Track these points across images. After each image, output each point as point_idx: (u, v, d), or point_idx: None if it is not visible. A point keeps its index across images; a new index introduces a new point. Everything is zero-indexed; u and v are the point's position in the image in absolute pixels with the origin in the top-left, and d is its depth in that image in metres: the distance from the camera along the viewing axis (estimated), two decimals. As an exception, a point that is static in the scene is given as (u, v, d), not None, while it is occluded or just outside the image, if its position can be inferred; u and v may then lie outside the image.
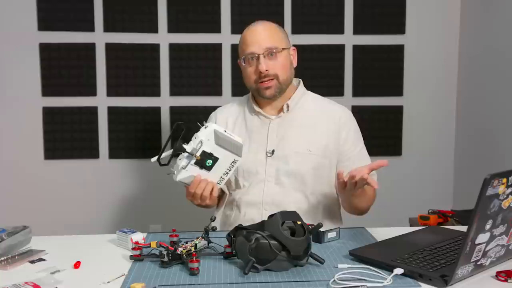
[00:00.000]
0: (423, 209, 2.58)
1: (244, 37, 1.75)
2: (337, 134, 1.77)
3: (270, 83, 1.71)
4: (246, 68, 1.74)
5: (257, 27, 1.74)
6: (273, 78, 1.71)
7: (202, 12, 3.23)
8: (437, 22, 3.34)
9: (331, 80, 3.29)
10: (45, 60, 3.18)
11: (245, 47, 1.72)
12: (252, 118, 1.81)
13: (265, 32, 1.72)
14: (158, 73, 3.25)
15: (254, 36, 1.72)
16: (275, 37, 1.72)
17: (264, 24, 1.75)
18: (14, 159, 3.22)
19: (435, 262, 1.25)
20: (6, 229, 1.45)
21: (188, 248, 1.33)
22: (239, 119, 1.84)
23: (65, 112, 3.22)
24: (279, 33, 1.75)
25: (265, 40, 1.70)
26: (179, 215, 2.95)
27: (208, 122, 1.88)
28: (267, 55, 1.69)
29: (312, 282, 1.21)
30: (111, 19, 3.19)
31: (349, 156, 1.78)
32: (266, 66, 1.69)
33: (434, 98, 3.38)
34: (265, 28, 1.74)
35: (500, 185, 1.12)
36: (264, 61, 1.69)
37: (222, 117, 1.87)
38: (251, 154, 1.75)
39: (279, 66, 1.71)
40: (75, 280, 1.26)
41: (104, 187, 3.29)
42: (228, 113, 1.87)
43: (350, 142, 1.79)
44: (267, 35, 1.71)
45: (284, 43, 1.75)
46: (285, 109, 1.78)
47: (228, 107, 1.91)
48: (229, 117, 1.86)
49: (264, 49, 1.69)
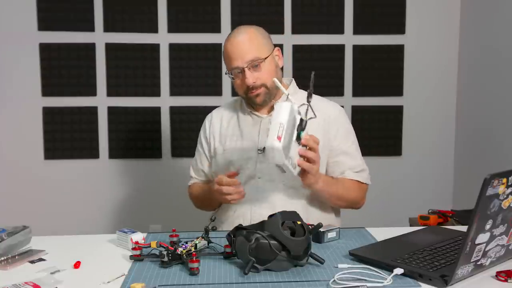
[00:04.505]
0: (423, 209, 2.57)
1: (226, 51, 1.74)
2: (327, 131, 1.77)
3: (259, 91, 1.73)
4: (234, 80, 1.76)
5: (236, 38, 1.72)
6: (261, 86, 1.72)
7: (202, 12, 3.23)
8: (437, 22, 3.34)
9: (331, 80, 3.29)
10: (45, 60, 3.18)
11: (229, 61, 1.73)
12: (245, 117, 1.84)
13: (246, 44, 1.70)
14: (158, 73, 3.25)
15: (236, 49, 1.70)
16: (256, 47, 1.71)
17: (243, 34, 1.73)
18: (14, 159, 3.22)
19: (435, 262, 1.25)
20: (6, 229, 1.45)
21: (188, 248, 1.33)
22: (233, 119, 1.86)
23: (65, 112, 3.22)
24: (259, 41, 1.73)
25: (247, 52, 1.69)
26: (179, 215, 2.95)
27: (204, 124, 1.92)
28: (251, 67, 1.70)
29: (312, 282, 1.21)
30: (111, 19, 3.19)
31: (338, 153, 1.79)
32: (252, 78, 1.70)
33: (434, 98, 3.38)
34: (245, 38, 1.72)
35: (500, 185, 1.12)
36: (249, 74, 1.69)
37: (217, 118, 1.90)
38: (243, 151, 1.78)
39: (265, 75, 1.72)
40: (75, 280, 1.26)
41: (104, 187, 3.29)
42: (223, 113, 1.90)
43: (339, 138, 1.79)
44: (247, 47, 1.70)
45: (266, 49, 1.73)
46: None
47: (224, 108, 1.94)
48: (224, 117, 1.89)
49: (247, 62, 1.69)
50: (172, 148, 3.29)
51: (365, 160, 1.85)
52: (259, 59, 1.70)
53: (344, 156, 1.78)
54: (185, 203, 1.88)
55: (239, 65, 1.70)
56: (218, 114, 1.91)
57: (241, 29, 1.77)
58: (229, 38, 1.75)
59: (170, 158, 3.30)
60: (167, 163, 3.29)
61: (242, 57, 1.69)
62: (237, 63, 1.70)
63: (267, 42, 1.76)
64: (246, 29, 1.76)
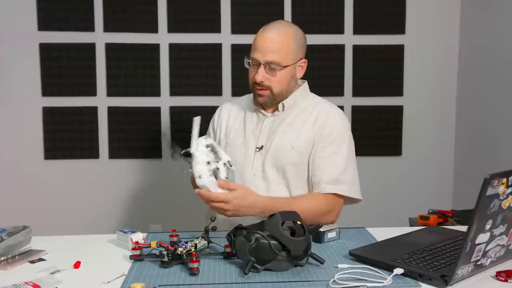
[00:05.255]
0: (423, 209, 2.58)
1: (256, 39, 1.72)
2: (320, 132, 1.74)
3: (263, 92, 1.73)
4: (249, 70, 1.75)
5: (269, 33, 1.69)
6: (267, 89, 1.72)
7: (202, 12, 3.22)
8: (437, 22, 3.34)
9: (331, 80, 3.29)
10: (45, 60, 3.18)
11: (253, 49, 1.72)
12: (252, 114, 1.84)
13: (275, 43, 1.68)
14: (158, 73, 3.25)
15: (264, 42, 1.68)
16: (283, 51, 1.68)
17: (279, 32, 1.69)
18: (14, 159, 3.22)
19: (435, 262, 1.25)
20: (6, 229, 1.45)
21: (188, 248, 1.33)
22: (241, 115, 1.87)
23: (65, 112, 3.22)
24: (290, 47, 1.69)
25: (271, 52, 1.67)
26: (179, 215, 2.96)
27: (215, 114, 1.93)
28: (267, 67, 1.69)
29: (312, 282, 1.21)
30: (111, 19, 3.19)
31: (320, 156, 1.72)
32: (262, 77, 1.69)
33: (434, 98, 3.38)
34: (278, 38, 1.68)
35: (500, 185, 1.12)
36: (262, 72, 1.69)
37: (226, 111, 1.91)
38: (242, 147, 1.79)
39: (276, 81, 1.71)
40: (75, 280, 1.26)
41: (104, 187, 3.29)
42: (232, 108, 1.91)
43: (328, 141, 1.73)
44: (275, 47, 1.67)
45: (291, 58, 1.70)
46: (280, 108, 1.79)
47: (234, 102, 1.94)
48: (232, 111, 1.89)
49: (266, 61, 1.68)
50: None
51: (365, 160, 1.84)
52: (278, 65, 1.68)
53: (328, 163, 1.70)
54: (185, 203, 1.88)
55: (258, 59, 1.68)
56: (227, 108, 1.92)
57: (281, 24, 1.74)
58: (265, 28, 1.72)
59: (170, 158, 3.30)
60: (167, 163, 3.29)
61: (264, 53, 1.68)
62: (257, 56, 1.69)
63: (297, 50, 1.73)
64: (285, 29, 1.72)
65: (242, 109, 1.88)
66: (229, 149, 1.79)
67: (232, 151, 1.77)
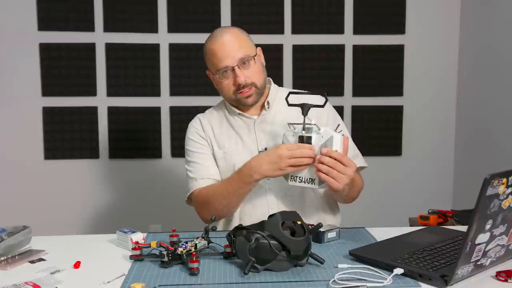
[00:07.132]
0: (423, 209, 2.58)
1: (213, 51, 1.72)
2: (318, 116, 1.72)
3: (250, 91, 1.71)
4: (221, 82, 1.73)
5: (223, 38, 1.71)
6: (251, 85, 1.71)
7: (202, 12, 3.23)
8: (437, 22, 3.34)
9: (331, 80, 3.29)
10: (45, 60, 3.18)
11: (218, 61, 1.71)
12: (235, 120, 1.81)
13: (234, 42, 1.69)
14: (158, 73, 3.25)
15: (225, 48, 1.69)
16: (244, 44, 1.71)
17: (229, 33, 1.72)
18: (14, 159, 3.22)
19: (435, 262, 1.25)
20: (6, 229, 1.45)
21: (188, 248, 1.33)
22: (224, 123, 1.83)
23: (65, 112, 3.22)
24: (246, 39, 1.73)
25: (236, 50, 1.68)
26: (179, 215, 2.95)
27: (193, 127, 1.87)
28: (241, 66, 1.68)
29: (312, 282, 1.21)
30: (111, 19, 3.19)
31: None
32: (243, 77, 1.68)
33: (434, 98, 3.38)
34: (232, 37, 1.71)
35: (500, 185, 1.12)
36: (240, 73, 1.68)
37: (206, 123, 1.85)
38: (245, 152, 1.74)
39: (255, 73, 1.71)
40: (75, 280, 1.26)
41: (104, 187, 3.29)
42: (210, 118, 1.86)
43: (330, 122, 1.76)
44: (236, 45, 1.69)
45: (252, 47, 1.74)
46: (266, 106, 1.78)
47: (207, 114, 1.89)
48: (213, 122, 1.84)
49: (238, 61, 1.67)
50: (172, 148, 3.30)
51: (365, 160, 1.84)
52: (249, 56, 1.69)
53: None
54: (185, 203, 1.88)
55: (229, 64, 1.68)
56: (205, 118, 1.86)
57: (224, 29, 1.76)
58: (213, 39, 1.73)
59: (170, 158, 3.30)
60: (167, 163, 3.29)
61: (232, 56, 1.67)
62: (226, 63, 1.68)
63: (251, 40, 1.76)
64: (229, 29, 1.75)
65: (221, 118, 1.83)
66: (229, 157, 1.76)
67: (234, 158, 1.74)
